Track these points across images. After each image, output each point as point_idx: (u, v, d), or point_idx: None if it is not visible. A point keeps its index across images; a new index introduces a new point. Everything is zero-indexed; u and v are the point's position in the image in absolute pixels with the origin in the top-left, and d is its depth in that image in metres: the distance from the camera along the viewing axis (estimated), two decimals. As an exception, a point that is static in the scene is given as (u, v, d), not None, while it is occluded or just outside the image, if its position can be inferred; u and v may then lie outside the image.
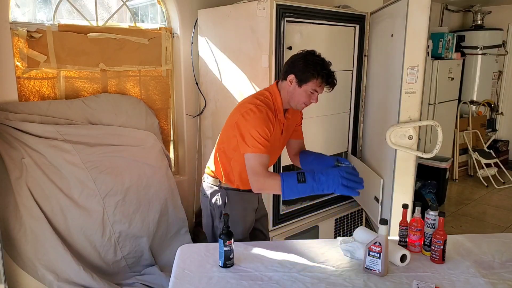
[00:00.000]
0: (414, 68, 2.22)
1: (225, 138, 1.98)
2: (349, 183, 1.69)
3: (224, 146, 1.98)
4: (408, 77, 2.24)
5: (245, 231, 2.12)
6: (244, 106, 1.91)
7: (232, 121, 1.91)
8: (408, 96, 2.26)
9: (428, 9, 2.16)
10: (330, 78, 1.90)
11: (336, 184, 1.68)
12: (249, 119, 1.83)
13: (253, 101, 1.90)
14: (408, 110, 2.28)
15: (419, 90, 2.25)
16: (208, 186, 2.08)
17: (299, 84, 1.89)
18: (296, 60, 1.92)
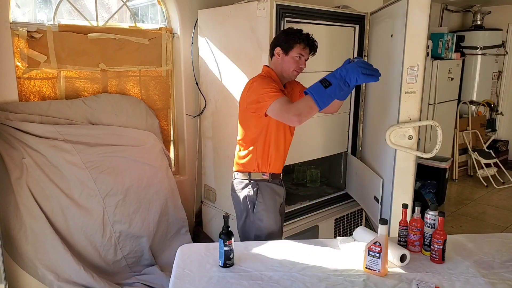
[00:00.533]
0: (413, 68, 2.23)
1: (245, 126, 2.11)
2: (367, 71, 1.79)
3: (249, 133, 2.09)
4: (408, 77, 2.25)
5: (278, 222, 2.20)
6: (250, 81, 2.08)
7: (243, 104, 2.06)
8: (408, 96, 2.26)
9: (428, 9, 2.16)
10: (310, 40, 2.07)
11: (357, 74, 1.77)
12: (256, 85, 2.00)
13: (251, 80, 2.09)
14: (407, 110, 2.28)
15: (418, 90, 2.25)
16: (238, 181, 2.19)
17: (286, 53, 2.07)
18: (278, 35, 2.18)
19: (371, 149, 2.96)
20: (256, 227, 2.16)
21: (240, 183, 2.19)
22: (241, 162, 2.18)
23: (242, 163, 2.17)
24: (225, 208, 3.17)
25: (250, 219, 2.17)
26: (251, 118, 2.06)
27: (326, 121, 3.06)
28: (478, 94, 5.65)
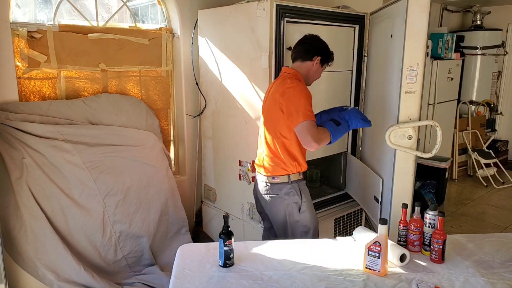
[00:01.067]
0: (413, 69, 2.23)
1: (279, 129, 2.13)
2: (363, 116, 2.14)
3: (284, 136, 2.13)
4: (408, 77, 2.25)
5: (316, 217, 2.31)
6: (283, 86, 2.11)
7: (276, 106, 2.09)
8: (408, 96, 2.27)
9: (428, 9, 2.16)
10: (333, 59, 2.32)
11: (357, 119, 2.12)
12: (296, 94, 2.05)
13: (288, 81, 2.12)
14: (407, 110, 2.28)
15: (418, 90, 2.25)
16: (278, 185, 2.19)
17: (321, 64, 2.24)
18: (320, 45, 2.25)
19: (371, 149, 2.96)
20: (303, 225, 2.22)
21: (281, 186, 2.19)
22: (278, 166, 2.18)
23: (279, 166, 2.18)
24: (225, 208, 3.17)
25: (295, 219, 2.21)
26: (283, 120, 2.10)
27: (326, 121, 3.06)
28: (478, 94, 5.65)
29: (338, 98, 3.14)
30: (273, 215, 2.28)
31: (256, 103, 2.73)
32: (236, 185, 3.02)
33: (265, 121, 2.21)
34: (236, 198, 3.05)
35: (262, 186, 2.26)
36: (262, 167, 2.25)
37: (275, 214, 2.26)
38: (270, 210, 2.28)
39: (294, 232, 2.23)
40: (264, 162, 2.23)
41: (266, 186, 2.23)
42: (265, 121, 2.21)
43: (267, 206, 2.30)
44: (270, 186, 2.22)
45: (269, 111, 2.19)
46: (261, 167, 2.26)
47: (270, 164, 2.21)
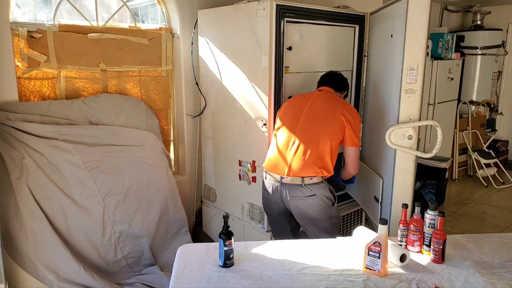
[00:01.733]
0: (413, 69, 2.23)
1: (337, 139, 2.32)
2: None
3: (336, 145, 2.32)
4: (408, 77, 2.25)
5: None
6: (347, 108, 2.38)
7: (339, 119, 2.30)
8: (408, 96, 2.27)
9: (428, 9, 2.16)
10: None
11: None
12: (356, 119, 2.34)
13: (346, 102, 2.55)
14: (407, 110, 2.28)
15: (418, 90, 2.25)
16: (318, 185, 2.29)
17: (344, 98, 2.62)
18: (347, 81, 2.63)
19: (371, 149, 2.96)
20: (335, 216, 2.43)
21: (321, 186, 2.31)
22: (323, 168, 2.29)
23: (324, 168, 2.30)
24: (225, 208, 3.17)
25: (331, 214, 2.36)
26: (335, 131, 2.30)
27: (326, 121, 3.06)
28: (478, 94, 5.65)
29: (338, 98, 3.14)
30: (309, 215, 2.32)
31: (256, 103, 2.72)
32: (236, 185, 3.02)
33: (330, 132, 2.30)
34: (236, 198, 3.05)
35: (296, 188, 2.28)
36: (298, 169, 2.27)
37: (313, 213, 2.31)
38: (305, 211, 2.31)
39: (330, 226, 2.37)
40: (313, 163, 2.27)
41: (301, 187, 2.27)
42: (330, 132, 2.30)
43: (299, 207, 2.31)
44: (306, 187, 2.27)
45: (324, 117, 2.33)
46: (294, 170, 2.28)
47: (319, 167, 2.28)
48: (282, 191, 2.33)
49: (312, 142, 2.28)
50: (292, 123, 2.37)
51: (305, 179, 2.27)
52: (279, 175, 2.32)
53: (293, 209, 2.35)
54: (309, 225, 2.39)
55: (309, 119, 2.34)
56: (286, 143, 2.35)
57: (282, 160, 2.33)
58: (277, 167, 2.34)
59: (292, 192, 2.30)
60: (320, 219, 2.33)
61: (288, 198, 2.32)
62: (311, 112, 2.36)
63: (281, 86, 2.66)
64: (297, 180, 2.28)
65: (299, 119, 2.36)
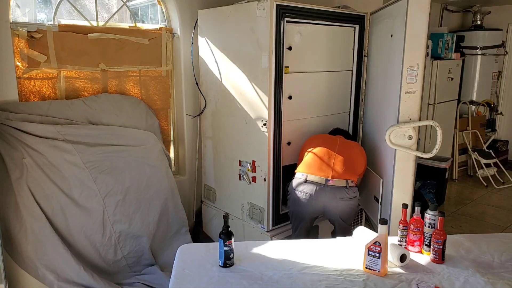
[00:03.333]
0: (413, 68, 2.23)
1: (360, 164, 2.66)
2: None
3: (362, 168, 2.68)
4: (408, 77, 2.25)
5: None
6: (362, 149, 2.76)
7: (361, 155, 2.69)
8: (408, 96, 2.27)
9: (428, 9, 2.16)
10: None
11: None
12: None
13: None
14: (407, 110, 2.28)
15: (418, 90, 2.26)
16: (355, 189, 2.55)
17: None
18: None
19: (371, 149, 2.96)
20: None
21: (355, 189, 2.55)
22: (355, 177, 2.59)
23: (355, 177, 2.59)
24: (225, 208, 3.17)
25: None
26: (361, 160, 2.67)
27: (327, 121, 3.06)
28: (478, 94, 5.64)
29: (338, 98, 3.14)
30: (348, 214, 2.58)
31: (256, 103, 2.72)
32: (236, 185, 3.02)
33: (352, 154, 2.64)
34: (236, 198, 3.05)
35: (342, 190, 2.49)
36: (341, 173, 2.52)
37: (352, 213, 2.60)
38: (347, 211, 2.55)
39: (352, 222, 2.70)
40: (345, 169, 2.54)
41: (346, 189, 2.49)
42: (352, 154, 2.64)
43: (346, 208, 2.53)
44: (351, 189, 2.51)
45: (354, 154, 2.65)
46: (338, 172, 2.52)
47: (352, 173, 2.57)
48: (325, 193, 2.48)
49: (349, 159, 2.57)
50: (329, 144, 2.63)
51: (348, 181, 2.49)
52: (324, 177, 2.49)
53: (334, 209, 2.51)
54: (342, 223, 2.59)
55: (344, 147, 2.63)
56: (326, 153, 2.58)
57: (324, 165, 2.54)
58: (321, 170, 2.52)
59: (338, 194, 2.47)
60: (352, 218, 2.67)
61: (331, 200, 2.48)
62: (342, 143, 2.67)
63: (281, 86, 2.66)
64: (342, 182, 2.48)
65: (335, 144, 2.63)
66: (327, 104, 3.03)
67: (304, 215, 2.59)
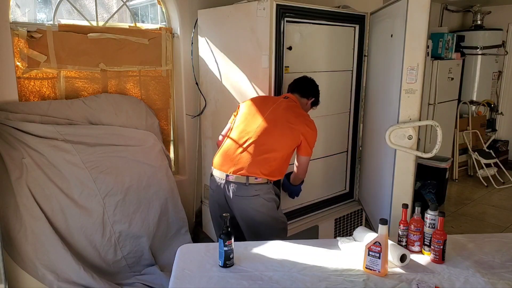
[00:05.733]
0: (413, 68, 2.23)
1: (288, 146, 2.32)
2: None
3: (287, 152, 2.33)
4: (408, 77, 2.25)
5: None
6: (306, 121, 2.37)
7: (296, 132, 2.30)
8: (408, 96, 2.27)
9: (428, 9, 2.16)
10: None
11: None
12: (313, 133, 2.36)
13: (307, 115, 2.45)
14: (407, 110, 2.28)
15: (418, 90, 2.25)
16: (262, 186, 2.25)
17: (311, 105, 2.58)
18: (316, 87, 2.58)
19: (371, 149, 2.96)
20: (281, 221, 2.38)
21: (261, 186, 2.25)
22: (270, 174, 2.27)
23: (271, 175, 2.27)
24: (225, 208, 3.16)
25: (275, 217, 2.32)
26: (293, 141, 2.31)
27: (326, 121, 3.06)
28: (478, 94, 5.64)
29: (338, 98, 3.13)
30: (249, 216, 2.26)
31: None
32: (236, 185, 3.01)
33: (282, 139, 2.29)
34: (236, 198, 3.04)
35: (239, 187, 2.23)
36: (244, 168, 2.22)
37: (257, 215, 2.25)
38: (249, 212, 2.26)
39: (273, 229, 2.30)
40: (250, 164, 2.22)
41: (245, 186, 2.22)
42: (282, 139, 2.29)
43: (242, 207, 2.26)
44: (250, 186, 2.22)
45: (283, 126, 2.31)
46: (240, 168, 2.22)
47: (267, 169, 2.24)
48: (226, 189, 2.27)
49: (265, 146, 2.25)
50: (249, 123, 2.34)
51: (250, 178, 2.22)
52: (225, 172, 2.26)
53: (236, 210, 2.28)
54: (254, 231, 2.28)
55: (268, 124, 2.30)
56: (239, 139, 2.31)
57: (229, 158, 2.28)
58: (224, 165, 2.28)
59: (236, 191, 2.24)
60: (265, 222, 2.26)
61: (232, 197, 2.25)
62: (271, 117, 2.32)
63: (281, 86, 2.66)
64: (242, 178, 2.22)
65: (256, 122, 2.32)
66: (327, 104, 3.03)
67: (215, 213, 2.44)
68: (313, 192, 3.08)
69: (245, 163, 2.23)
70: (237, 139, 2.32)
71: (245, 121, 2.37)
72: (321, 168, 3.11)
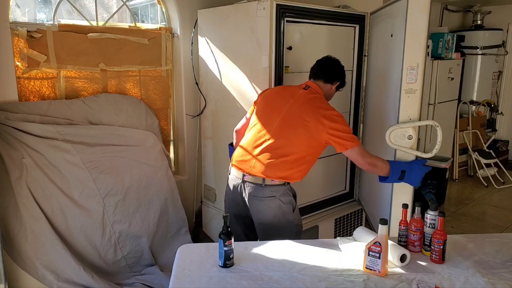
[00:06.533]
0: (413, 68, 2.23)
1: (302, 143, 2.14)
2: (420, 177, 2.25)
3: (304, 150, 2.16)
4: (408, 77, 2.25)
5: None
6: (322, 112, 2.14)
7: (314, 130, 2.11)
8: (408, 96, 2.26)
9: (428, 9, 2.15)
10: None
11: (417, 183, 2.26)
12: (340, 120, 2.13)
13: (326, 107, 2.20)
14: (407, 110, 2.28)
15: (418, 90, 2.25)
16: (275, 188, 2.17)
17: (337, 89, 2.40)
18: (341, 69, 2.38)
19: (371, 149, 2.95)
20: (295, 225, 2.29)
21: (278, 188, 2.17)
22: (286, 173, 2.16)
23: (286, 173, 2.16)
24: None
25: (289, 220, 2.23)
26: (312, 139, 2.14)
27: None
28: (478, 94, 5.64)
29: (339, 98, 3.13)
30: (264, 217, 2.21)
31: (256, 103, 2.72)
32: (236, 185, 3.01)
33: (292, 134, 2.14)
34: (236, 198, 3.04)
35: (256, 188, 2.17)
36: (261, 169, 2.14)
37: (270, 216, 2.19)
38: (261, 212, 2.20)
39: (286, 232, 2.21)
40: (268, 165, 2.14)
41: (261, 187, 2.16)
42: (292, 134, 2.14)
43: (258, 208, 2.20)
44: (266, 187, 2.16)
45: (298, 126, 2.14)
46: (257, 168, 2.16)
47: (280, 170, 2.14)
48: (243, 189, 2.22)
49: (281, 150, 2.14)
50: (266, 123, 2.21)
51: (266, 179, 2.15)
52: (242, 172, 2.20)
53: (252, 210, 2.23)
54: (267, 232, 2.21)
55: (283, 125, 2.16)
56: (256, 139, 2.20)
57: (247, 158, 2.20)
58: (242, 164, 2.22)
59: (253, 191, 2.18)
60: (278, 224, 2.19)
61: (247, 197, 2.20)
62: (287, 117, 2.17)
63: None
64: (259, 179, 2.16)
65: (273, 122, 2.19)
66: (327, 104, 3.02)
67: (230, 212, 2.34)
68: (313, 192, 3.08)
69: (261, 166, 2.14)
70: (254, 140, 2.21)
71: (262, 119, 2.24)
72: (321, 168, 3.11)
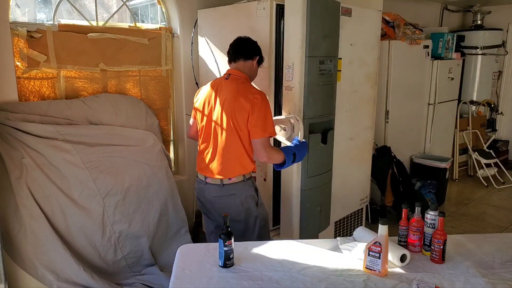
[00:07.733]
0: (290, 67, 2.42)
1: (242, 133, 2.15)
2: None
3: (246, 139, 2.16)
4: (286, 75, 2.46)
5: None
6: (245, 92, 2.14)
7: (241, 119, 2.11)
8: (287, 92, 2.49)
9: (299, 12, 2.32)
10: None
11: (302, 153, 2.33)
12: (264, 109, 2.12)
13: (253, 90, 2.19)
14: (286, 105, 2.48)
15: (295, 87, 2.44)
16: (235, 184, 2.21)
17: (258, 64, 2.34)
18: (255, 44, 2.32)
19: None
20: (260, 218, 2.31)
21: (239, 185, 2.22)
22: (238, 167, 2.20)
23: (239, 167, 2.20)
24: (225, 208, 3.16)
25: (253, 215, 2.27)
26: (244, 129, 2.14)
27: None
28: (478, 94, 5.64)
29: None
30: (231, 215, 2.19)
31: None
32: (236, 185, 3.01)
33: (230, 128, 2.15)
34: (236, 198, 3.04)
35: (216, 189, 2.23)
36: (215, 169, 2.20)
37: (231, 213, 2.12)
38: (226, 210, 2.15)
39: (252, 227, 2.27)
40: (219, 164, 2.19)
41: (220, 187, 2.22)
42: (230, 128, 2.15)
43: (221, 207, 2.24)
44: (225, 187, 2.21)
45: (228, 119, 2.14)
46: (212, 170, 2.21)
47: (229, 168, 2.19)
48: (207, 191, 2.29)
49: (225, 149, 2.18)
50: (206, 126, 2.25)
51: (223, 179, 2.21)
52: (204, 175, 2.27)
53: (216, 210, 2.29)
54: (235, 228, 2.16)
55: (217, 124, 2.19)
56: (204, 147, 2.27)
57: (204, 162, 2.27)
58: (202, 168, 2.29)
59: (214, 192, 2.25)
60: (243, 220, 2.25)
61: (210, 198, 2.28)
62: (218, 115, 2.18)
63: (281, 86, 2.65)
64: (217, 180, 2.22)
65: (210, 124, 2.23)
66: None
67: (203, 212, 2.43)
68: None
69: (215, 168, 2.21)
70: (204, 146, 2.28)
71: (202, 122, 2.29)
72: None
